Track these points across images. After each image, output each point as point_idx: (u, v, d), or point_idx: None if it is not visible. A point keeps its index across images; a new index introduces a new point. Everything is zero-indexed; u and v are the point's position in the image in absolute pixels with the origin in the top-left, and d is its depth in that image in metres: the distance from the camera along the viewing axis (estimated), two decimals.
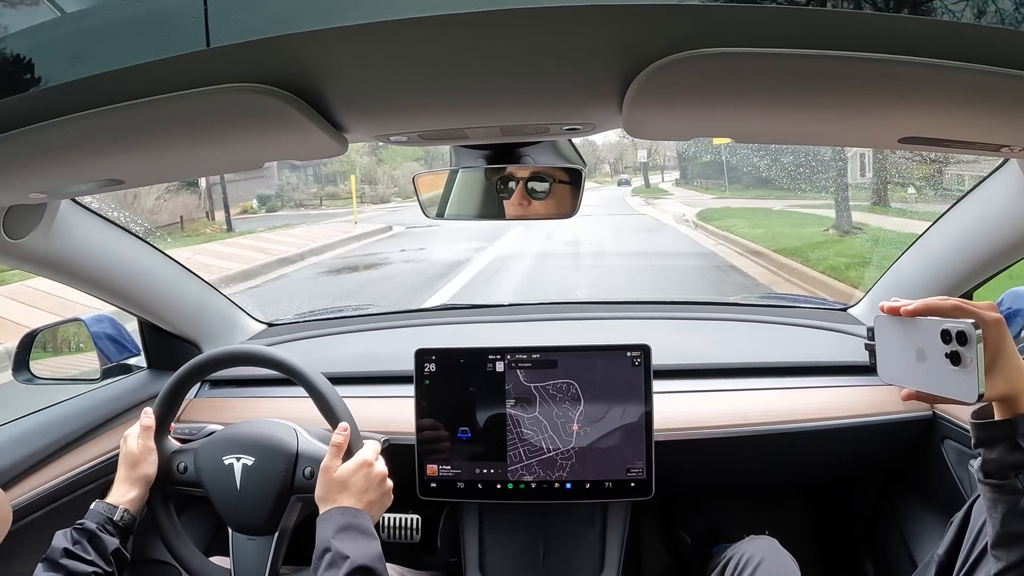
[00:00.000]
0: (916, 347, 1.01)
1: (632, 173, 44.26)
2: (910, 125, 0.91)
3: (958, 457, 1.66)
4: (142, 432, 1.46)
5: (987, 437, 1.02)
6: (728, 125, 1.00)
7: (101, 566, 1.28)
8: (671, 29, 0.67)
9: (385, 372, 2.00)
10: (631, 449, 1.66)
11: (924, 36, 0.63)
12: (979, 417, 1.04)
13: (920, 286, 1.79)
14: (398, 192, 32.33)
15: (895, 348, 1.05)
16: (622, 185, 39.64)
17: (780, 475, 2.10)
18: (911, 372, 1.02)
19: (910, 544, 1.87)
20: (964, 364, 0.94)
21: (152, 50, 0.69)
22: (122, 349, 2.02)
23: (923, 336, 1.00)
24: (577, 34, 0.68)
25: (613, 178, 41.48)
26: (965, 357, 0.94)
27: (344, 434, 1.36)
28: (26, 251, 1.43)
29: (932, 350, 0.98)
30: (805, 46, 0.66)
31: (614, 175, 42.24)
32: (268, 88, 0.78)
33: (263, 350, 1.47)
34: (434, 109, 0.95)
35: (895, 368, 1.06)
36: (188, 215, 21.66)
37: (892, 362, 1.06)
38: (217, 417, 1.86)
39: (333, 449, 1.34)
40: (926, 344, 0.99)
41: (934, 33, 0.63)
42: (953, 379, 0.95)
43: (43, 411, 1.77)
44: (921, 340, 1.00)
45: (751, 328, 2.16)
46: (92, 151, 0.97)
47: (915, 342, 1.01)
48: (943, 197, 11.74)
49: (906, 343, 1.03)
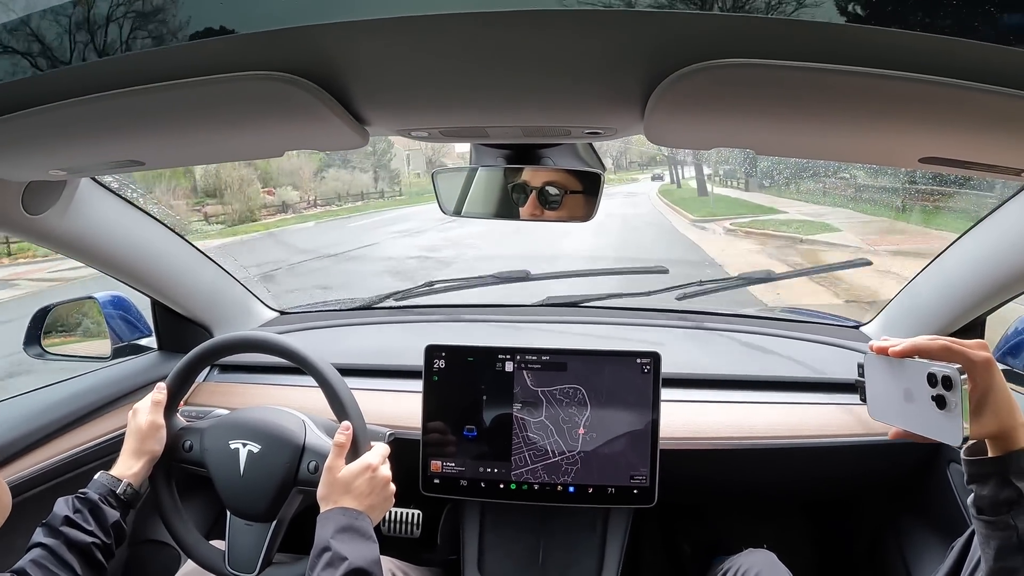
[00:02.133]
0: (904, 387, 1.02)
1: (636, 169, 40.36)
2: (932, 145, 0.90)
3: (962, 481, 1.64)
4: (152, 407, 1.47)
5: (979, 473, 1.02)
6: (748, 136, 1.00)
7: (100, 537, 1.28)
8: (696, 38, 0.67)
9: (394, 366, 2.00)
10: (636, 456, 1.66)
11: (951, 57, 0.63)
12: (971, 454, 1.04)
13: (934, 308, 1.78)
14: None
15: (884, 387, 1.06)
16: (655, 180, 34.07)
17: (783, 489, 2.09)
18: (899, 411, 1.03)
19: (911, 566, 1.85)
20: (949, 408, 0.95)
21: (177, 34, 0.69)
22: (133, 329, 2.03)
23: (910, 377, 1.01)
24: (603, 39, 0.68)
25: (615, 175, 35.73)
26: (950, 402, 0.95)
27: (347, 433, 1.36)
28: (44, 228, 1.44)
29: (919, 392, 0.99)
30: (830, 61, 0.66)
31: (616, 171, 37.55)
32: (292, 77, 0.78)
33: (276, 338, 1.47)
34: (457, 106, 0.95)
35: (884, 406, 1.07)
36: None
37: (881, 400, 1.08)
38: (225, 402, 1.87)
39: (336, 449, 1.35)
40: (913, 385, 1.00)
41: (962, 54, 0.62)
42: (938, 422, 0.96)
43: (52, 387, 1.78)
44: (908, 381, 1.01)
45: (762, 341, 2.15)
46: (114, 131, 0.98)
47: (902, 383, 1.02)
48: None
49: (895, 383, 1.04)
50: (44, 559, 1.21)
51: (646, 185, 32.70)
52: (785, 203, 19.11)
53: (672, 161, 29.14)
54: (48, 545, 1.23)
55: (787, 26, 0.62)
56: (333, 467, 1.33)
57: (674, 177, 30.60)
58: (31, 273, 15.15)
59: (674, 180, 30.24)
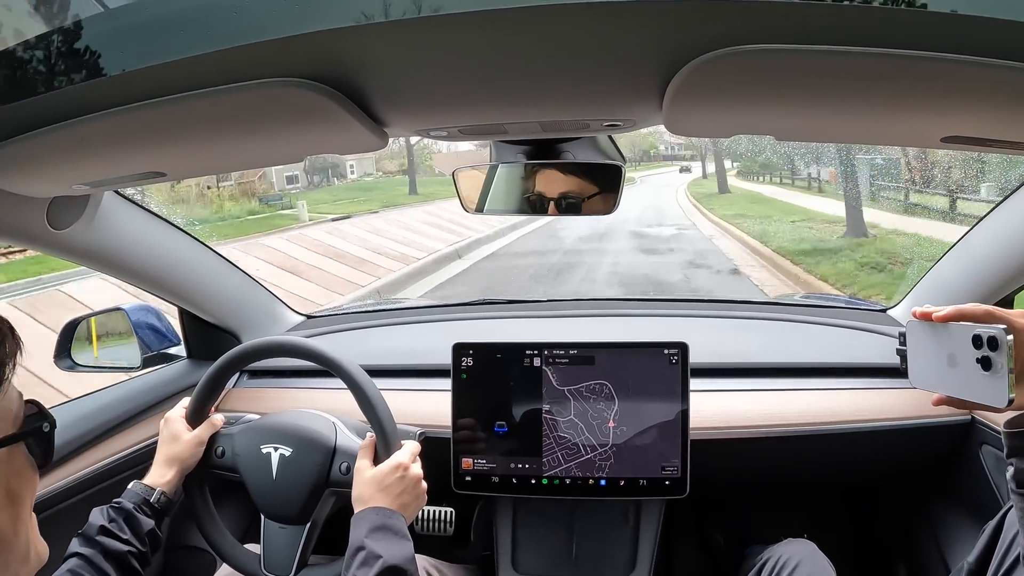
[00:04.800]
0: (947, 352, 1.01)
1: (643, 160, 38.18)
2: (954, 124, 0.90)
3: (996, 463, 1.64)
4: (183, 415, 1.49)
5: (1019, 446, 1.00)
6: (769, 122, 0.99)
7: (136, 545, 1.29)
8: (713, 25, 0.66)
9: (422, 366, 2.01)
10: (666, 447, 1.65)
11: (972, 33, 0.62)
12: (1012, 426, 1.02)
13: (961, 288, 1.76)
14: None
15: (926, 353, 1.05)
16: (683, 172, 30.92)
17: (814, 476, 2.09)
18: (942, 377, 1.02)
19: (944, 550, 1.84)
20: (995, 369, 0.93)
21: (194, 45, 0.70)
22: (162, 338, 2.04)
23: (954, 341, 0.99)
24: (618, 30, 0.68)
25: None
26: (996, 362, 0.93)
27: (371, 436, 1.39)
28: (69, 242, 1.46)
29: (963, 355, 0.98)
30: (850, 43, 0.65)
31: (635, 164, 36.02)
32: (309, 83, 0.78)
33: (304, 342, 1.47)
34: (474, 104, 0.95)
35: (926, 373, 1.06)
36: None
37: (923, 367, 1.06)
38: (255, 407, 1.88)
39: (361, 451, 1.37)
40: (957, 349, 0.99)
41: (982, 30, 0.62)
42: (983, 384, 0.95)
43: (84, 398, 1.80)
44: (952, 345, 1.00)
45: (788, 328, 2.14)
46: (135, 144, 0.99)
47: (946, 347, 1.01)
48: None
49: (937, 348, 1.02)
50: (81, 568, 1.22)
51: (672, 179, 29.46)
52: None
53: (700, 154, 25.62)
54: (84, 555, 1.24)
55: (806, 9, 0.62)
56: (362, 468, 1.34)
57: (704, 170, 27.45)
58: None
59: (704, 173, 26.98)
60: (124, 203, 1.60)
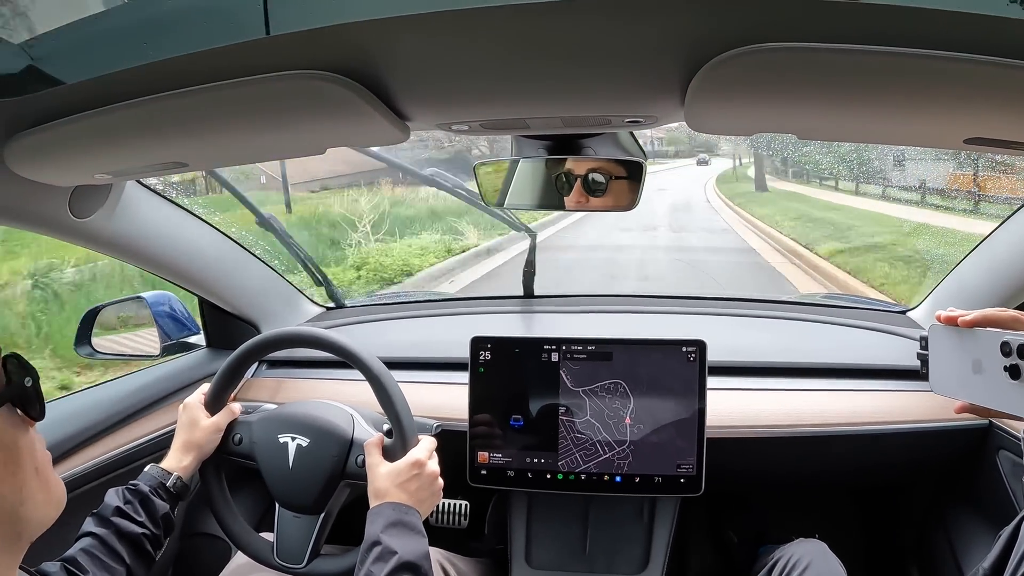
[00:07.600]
0: (972, 359, 0.98)
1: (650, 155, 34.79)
2: (977, 126, 0.89)
3: (1013, 469, 1.62)
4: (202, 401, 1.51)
5: None
6: (791, 121, 0.98)
7: (150, 528, 1.31)
8: (736, 22, 0.66)
9: (439, 358, 2.02)
10: (682, 445, 1.65)
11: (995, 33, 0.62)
12: None
13: (982, 292, 1.75)
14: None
15: (950, 359, 1.02)
16: (701, 164, 26.61)
17: (830, 477, 2.08)
18: (966, 384, 0.99)
19: (958, 554, 1.83)
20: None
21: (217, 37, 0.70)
22: (182, 327, 2.06)
23: (981, 348, 0.97)
24: (643, 25, 0.68)
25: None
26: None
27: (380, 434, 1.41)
28: (92, 231, 1.47)
29: (990, 362, 0.95)
30: (873, 42, 0.65)
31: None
32: (331, 75, 0.78)
33: (323, 333, 1.48)
34: (497, 99, 0.95)
35: (949, 380, 1.03)
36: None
37: (946, 373, 1.03)
38: (274, 397, 1.89)
39: (369, 447, 1.38)
40: (983, 356, 0.96)
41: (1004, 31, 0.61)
42: (1011, 393, 0.92)
43: (103, 385, 1.81)
44: (978, 352, 0.97)
45: (807, 328, 2.13)
46: (157, 134, 0.99)
47: (971, 353, 0.98)
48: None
49: (962, 354, 1.00)
50: (94, 548, 1.23)
51: (688, 172, 25.42)
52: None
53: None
54: (98, 534, 1.25)
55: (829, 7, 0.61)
56: (373, 464, 1.35)
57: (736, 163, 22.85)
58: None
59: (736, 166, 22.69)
60: (146, 192, 1.60)
